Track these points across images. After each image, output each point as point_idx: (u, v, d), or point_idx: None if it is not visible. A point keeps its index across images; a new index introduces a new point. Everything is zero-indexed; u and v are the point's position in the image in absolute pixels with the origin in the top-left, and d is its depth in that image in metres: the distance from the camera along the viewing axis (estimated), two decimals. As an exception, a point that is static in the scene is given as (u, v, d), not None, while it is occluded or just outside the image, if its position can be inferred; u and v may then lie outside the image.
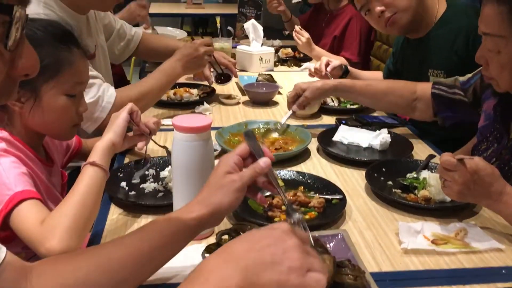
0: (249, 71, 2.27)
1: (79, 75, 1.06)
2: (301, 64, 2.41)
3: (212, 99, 1.88)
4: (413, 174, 1.24)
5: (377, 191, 1.19)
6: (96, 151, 1.03)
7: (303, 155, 1.42)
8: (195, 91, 1.89)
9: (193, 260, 0.77)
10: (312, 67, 2.00)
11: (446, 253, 0.96)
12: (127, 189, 1.17)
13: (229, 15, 3.72)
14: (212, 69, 1.92)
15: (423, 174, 1.23)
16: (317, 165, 1.37)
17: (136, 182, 1.21)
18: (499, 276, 0.90)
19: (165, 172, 1.23)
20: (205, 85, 1.97)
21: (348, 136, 1.49)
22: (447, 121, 1.49)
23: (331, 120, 1.72)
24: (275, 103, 1.89)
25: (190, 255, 0.77)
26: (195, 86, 1.96)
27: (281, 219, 1.05)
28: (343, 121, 1.63)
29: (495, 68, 1.13)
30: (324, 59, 1.94)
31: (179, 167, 0.96)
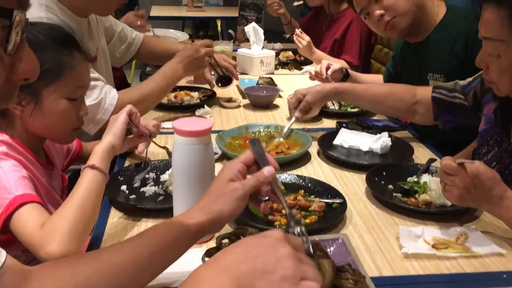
0: (249, 74, 2.27)
1: (80, 79, 1.06)
2: (302, 67, 2.41)
3: (213, 102, 1.88)
4: (414, 178, 1.24)
5: (377, 195, 1.19)
6: (96, 154, 1.03)
7: (303, 159, 1.42)
8: (195, 94, 1.89)
9: (193, 264, 0.76)
10: (313, 70, 2.00)
11: (446, 257, 0.96)
12: (127, 192, 1.17)
13: (230, 18, 3.72)
14: (213, 72, 1.92)
15: (424, 178, 1.23)
16: (317, 169, 1.37)
17: (137, 186, 1.21)
18: (500, 280, 0.90)
19: (165, 176, 1.23)
20: (205, 88, 1.98)
21: (348, 140, 1.49)
22: (448, 125, 1.49)
23: (331, 123, 1.72)
24: (275, 107, 1.89)
25: (190, 260, 0.77)
26: (196, 89, 1.96)
27: (281, 223, 1.05)
28: (344, 125, 1.63)
29: (495, 72, 1.13)
30: (325, 62, 1.95)
31: (180, 171, 0.96)
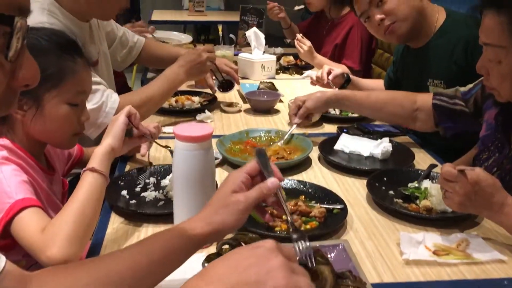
0: (250, 79, 2.27)
1: (82, 84, 1.06)
2: (303, 72, 2.41)
3: (214, 107, 1.88)
4: (415, 183, 1.24)
5: (378, 201, 1.18)
6: (96, 156, 1.03)
7: (304, 164, 1.42)
8: (196, 98, 1.89)
9: (193, 270, 0.77)
10: (314, 75, 2.01)
11: (447, 264, 0.96)
12: (127, 197, 1.17)
13: (231, 22, 3.73)
14: (214, 77, 1.92)
15: (425, 183, 1.23)
16: (318, 174, 1.37)
17: (137, 191, 1.21)
18: (502, 287, 0.90)
19: (166, 181, 1.23)
20: (206, 92, 1.98)
21: (349, 145, 1.49)
22: (449, 132, 1.48)
23: (332, 128, 1.72)
24: (276, 111, 1.89)
25: (190, 266, 0.76)
26: (197, 93, 1.97)
27: (282, 229, 1.05)
28: (345, 130, 1.63)
29: (496, 78, 1.13)
30: (326, 67, 1.95)
31: (180, 176, 0.96)
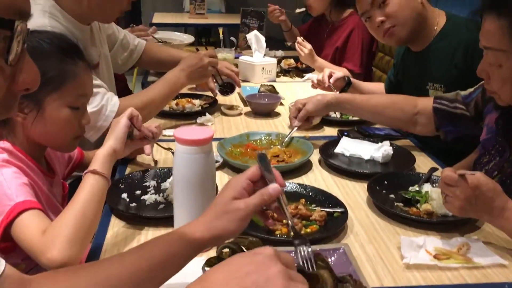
0: (251, 82, 2.27)
1: (83, 88, 1.06)
2: (304, 75, 2.41)
3: (214, 110, 1.88)
4: (415, 187, 1.24)
5: (379, 204, 1.18)
6: (97, 158, 1.04)
7: (304, 167, 1.41)
8: (197, 101, 1.89)
9: (193, 275, 0.77)
10: (315, 78, 2.01)
11: (448, 268, 0.95)
12: (128, 200, 1.17)
13: (232, 25, 3.73)
14: (214, 80, 1.92)
15: (425, 187, 1.22)
16: (318, 177, 1.37)
17: (138, 194, 1.21)
18: (502, 292, 0.90)
19: (166, 184, 1.23)
20: (207, 95, 1.98)
21: (350, 148, 1.49)
22: (449, 135, 1.48)
23: (333, 131, 1.71)
24: (277, 114, 1.89)
25: (190, 269, 0.76)
26: (198, 96, 1.97)
27: (282, 232, 1.05)
28: (345, 133, 1.63)
29: (497, 82, 1.13)
30: (327, 70, 1.95)
31: (180, 180, 0.96)
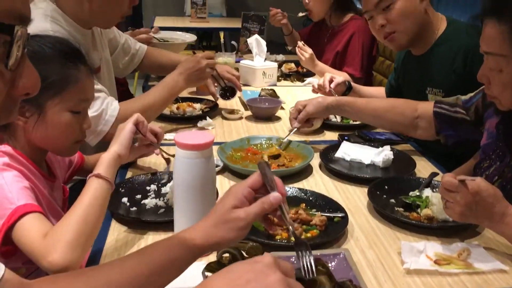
0: (252, 86, 2.28)
1: (84, 92, 1.06)
2: (304, 79, 2.41)
3: (215, 114, 1.89)
4: (416, 192, 1.24)
5: (379, 209, 1.18)
6: (102, 163, 1.04)
7: (305, 172, 1.41)
8: (198, 105, 1.89)
9: (193, 279, 0.77)
10: (315, 82, 2.01)
11: (449, 273, 0.95)
12: (128, 204, 1.17)
13: (233, 29, 3.75)
14: (215, 84, 1.92)
15: (426, 192, 1.22)
16: (319, 182, 1.37)
17: (138, 198, 1.21)
18: (503, 298, 0.90)
19: (166, 188, 1.23)
20: (208, 99, 1.98)
21: (350, 153, 1.49)
22: (450, 140, 1.48)
23: (333, 136, 1.71)
24: (277, 118, 1.89)
25: (190, 274, 0.76)
26: (198, 100, 1.97)
27: (282, 237, 1.05)
28: (346, 137, 1.63)
29: (497, 87, 1.13)
30: (328, 75, 1.95)
31: (181, 184, 0.96)
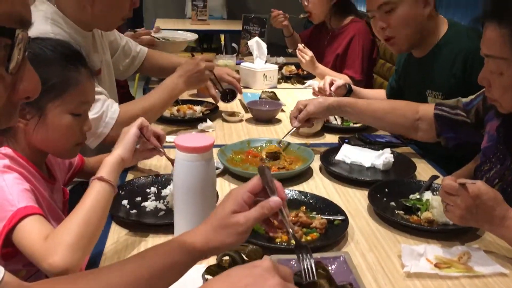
0: (252, 88, 2.28)
1: (85, 95, 1.06)
2: (305, 82, 2.42)
3: (215, 116, 1.89)
4: (416, 195, 1.24)
5: (379, 212, 1.18)
6: (105, 166, 1.04)
7: (305, 174, 1.41)
8: (198, 108, 1.89)
9: (193, 282, 0.77)
10: (316, 84, 2.01)
11: (449, 277, 0.95)
12: (128, 207, 1.17)
13: (234, 31, 3.75)
14: (216, 88, 1.92)
15: (426, 195, 1.22)
16: (319, 184, 1.37)
17: (138, 200, 1.20)
18: (503, 301, 0.90)
19: (166, 191, 1.23)
20: (208, 102, 1.98)
21: (350, 156, 1.49)
22: (450, 142, 1.48)
23: (334, 138, 1.71)
24: (278, 121, 1.89)
25: (190, 277, 0.76)
26: (199, 103, 1.97)
27: (282, 240, 1.05)
28: (346, 140, 1.63)
29: (498, 89, 1.13)
30: (328, 78, 1.95)
31: (181, 187, 0.97)
